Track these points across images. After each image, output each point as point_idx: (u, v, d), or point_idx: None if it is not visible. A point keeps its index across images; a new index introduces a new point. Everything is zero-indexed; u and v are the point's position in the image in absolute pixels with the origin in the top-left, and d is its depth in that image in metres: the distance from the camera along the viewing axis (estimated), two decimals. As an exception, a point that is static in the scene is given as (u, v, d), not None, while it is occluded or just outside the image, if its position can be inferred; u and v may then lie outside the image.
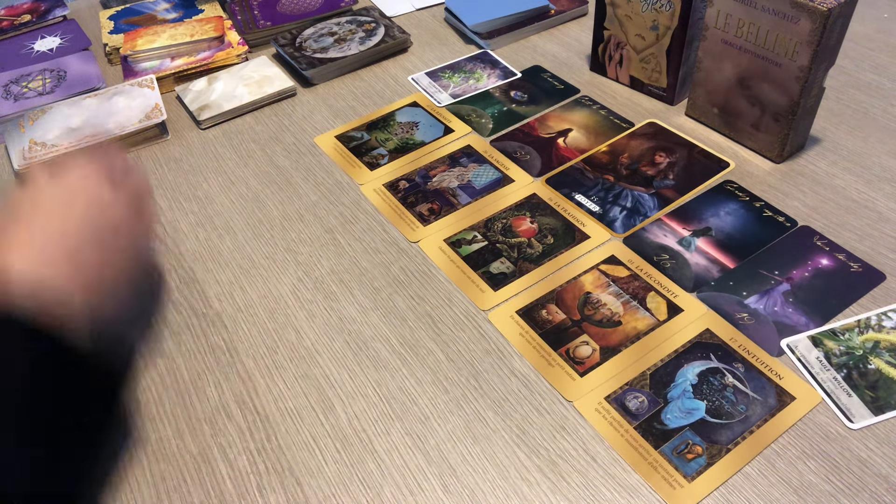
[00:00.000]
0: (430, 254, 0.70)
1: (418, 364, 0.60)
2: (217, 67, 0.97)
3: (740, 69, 0.75)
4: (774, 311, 0.62)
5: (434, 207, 0.75)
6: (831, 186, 0.73)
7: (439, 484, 0.52)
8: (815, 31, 0.66)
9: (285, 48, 0.98)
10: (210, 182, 0.81)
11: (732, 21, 0.73)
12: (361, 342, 0.62)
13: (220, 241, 0.73)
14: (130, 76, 0.95)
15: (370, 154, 0.82)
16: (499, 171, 0.78)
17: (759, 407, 0.55)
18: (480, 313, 0.64)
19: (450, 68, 0.95)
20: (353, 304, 0.66)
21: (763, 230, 0.69)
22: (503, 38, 0.99)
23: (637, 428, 0.54)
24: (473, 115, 0.87)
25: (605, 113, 0.85)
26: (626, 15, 0.84)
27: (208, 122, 0.88)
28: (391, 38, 0.98)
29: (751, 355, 0.58)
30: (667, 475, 0.51)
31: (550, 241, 0.70)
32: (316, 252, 0.71)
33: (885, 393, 0.55)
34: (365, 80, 0.95)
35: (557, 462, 0.53)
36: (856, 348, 0.58)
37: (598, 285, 0.65)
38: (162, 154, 0.85)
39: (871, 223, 0.69)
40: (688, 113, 0.84)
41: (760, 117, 0.76)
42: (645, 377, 0.57)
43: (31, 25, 1.07)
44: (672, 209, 0.72)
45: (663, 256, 0.67)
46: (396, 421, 0.56)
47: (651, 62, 0.85)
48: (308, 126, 0.88)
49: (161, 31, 1.01)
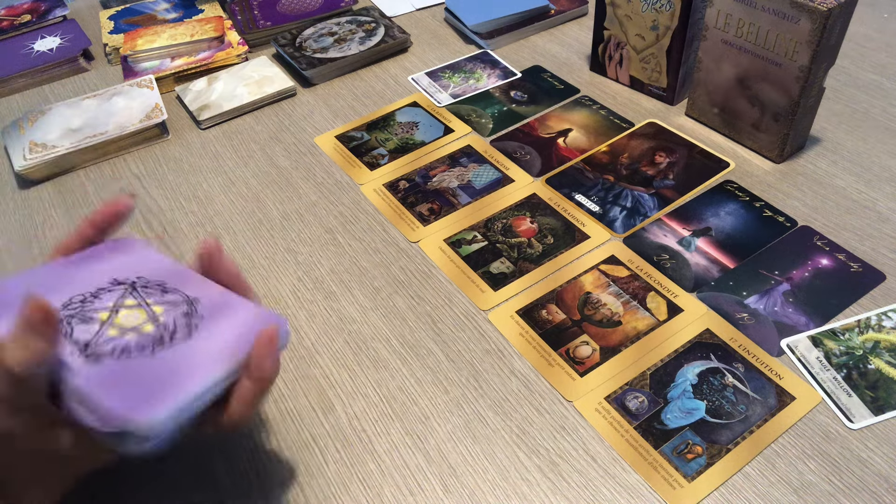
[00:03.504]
0: (430, 254, 0.70)
1: (418, 364, 0.60)
2: (217, 67, 0.97)
3: (740, 69, 0.75)
4: (774, 311, 0.62)
5: (434, 207, 0.75)
6: (831, 186, 0.73)
7: (439, 484, 0.52)
8: (815, 31, 0.66)
9: (285, 48, 0.98)
10: (210, 182, 0.81)
11: (732, 21, 0.73)
12: (361, 342, 0.62)
13: (220, 241, 0.73)
14: (130, 76, 0.96)
15: (370, 154, 0.82)
16: (499, 171, 0.78)
17: (759, 407, 0.55)
18: (480, 313, 0.64)
19: (450, 68, 0.95)
20: (353, 304, 0.66)
21: (763, 230, 0.69)
22: (503, 38, 0.99)
23: (637, 428, 0.54)
24: (473, 115, 0.87)
25: (605, 113, 0.85)
26: (626, 15, 0.84)
27: (208, 122, 0.88)
28: (391, 38, 0.98)
29: (751, 355, 0.58)
30: (667, 475, 0.51)
31: (550, 241, 0.70)
32: (316, 252, 0.71)
33: (885, 393, 0.55)
34: (365, 80, 0.95)
35: (557, 462, 0.53)
36: (856, 348, 0.58)
37: (598, 285, 0.65)
38: (162, 154, 0.85)
39: (871, 223, 0.69)
40: (688, 113, 0.84)
41: (760, 117, 0.76)
42: (645, 377, 0.57)
43: (31, 25, 1.07)
44: (672, 209, 0.72)
45: (663, 256, 0.67)
46: (396, 421, 0.56)
47: (651, 62, 0.85)
48: (308, 126, 0.88)
49: (161, 31, 1.01)
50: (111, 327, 0.41)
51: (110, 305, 0.42)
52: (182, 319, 0.43)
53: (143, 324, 0.42)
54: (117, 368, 0.39)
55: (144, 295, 0.44)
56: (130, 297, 0.43)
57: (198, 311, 0.44)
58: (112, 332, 0.40)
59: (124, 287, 0.44)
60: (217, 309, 0.45)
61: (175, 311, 0.44)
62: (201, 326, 0.43)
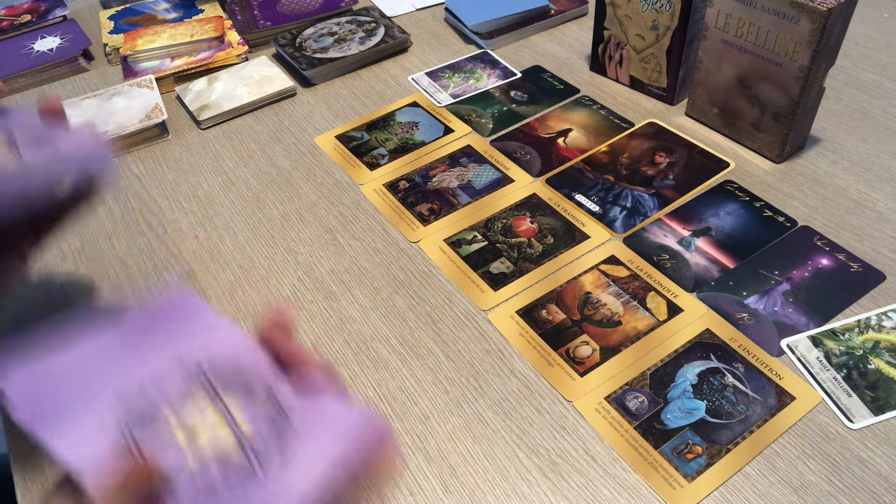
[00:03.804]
0: (430, 254, 0.70)
1: (418, 364, 0.60)
2: (217, 67, 0.97)
3: (740, 69, 0.75)
4: (774, 311, 0.62)
5: (434, 207, 0.75)
6: (831, 186, 0.73)
7: (439, 484, 0.52)
8: (815, 31, 0.66)
9: (285, 48, 0.98)
10: (210, 182, 0.81)
11: (732, 21, 0.73)
12: (361, 342, 0.62)
13: (220, 241, 0.73)
14: (130, 76, 0.96)
15: (370, 154, 0.82)
16: (499, 171, 0.78)
17: (759, 407, 0.55)
18: (480, 313, 0.64)
19: (450, 68, 0.95)
20: (353, 303, 0.66)
21: (763, 230, 0.69)
22: (503, 38, 0.99)
23: (637, 428, 0.54)
24: (473, 115, 0.87)
25: (605, 113, 0.85)
26: (626, 15, 0.84)
27: (208, 122, 0.88)
28: (391, 38, 0.98)
29: (751, 355, 0.58)
30: (667, 475, 0.51)
31: (550, 241, 0.70)
32: (316, 252, 0.71)
33: (885, 393, 0.55)
34: (365, 80, 0.95)
35: (557, 462, 0.53)
36: (856, 348, 0.58)
37: (598, 285, 0.65)
38: (162, 154, 0.85)
39: (871, 223, 0.69)
40: (688, 113, 0.84)
41: (760, 117, 0.76)
42: (645, 377, 0.57)
43: (31, 25, 1.07)
44: (672, 209, 0.72)
45: (663, 256, 0.67)
46: (396, 421, 0.56)
47: (651, 62, 0.85)
48: (308, 126, 0.88)
49: (161, 31, 1.01)
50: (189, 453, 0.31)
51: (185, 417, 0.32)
52: (275, 440, 0.33)
53: (228, 448, 0.32)
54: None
55: (222, 394, 0.33)
56: (205, 399, 0.33)
57: (290, 420, 0.33)
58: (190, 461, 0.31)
59: (192, 376, 0.34)
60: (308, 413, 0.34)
61: (265, 427, 0.33)
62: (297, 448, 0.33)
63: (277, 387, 0.35)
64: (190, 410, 0.32)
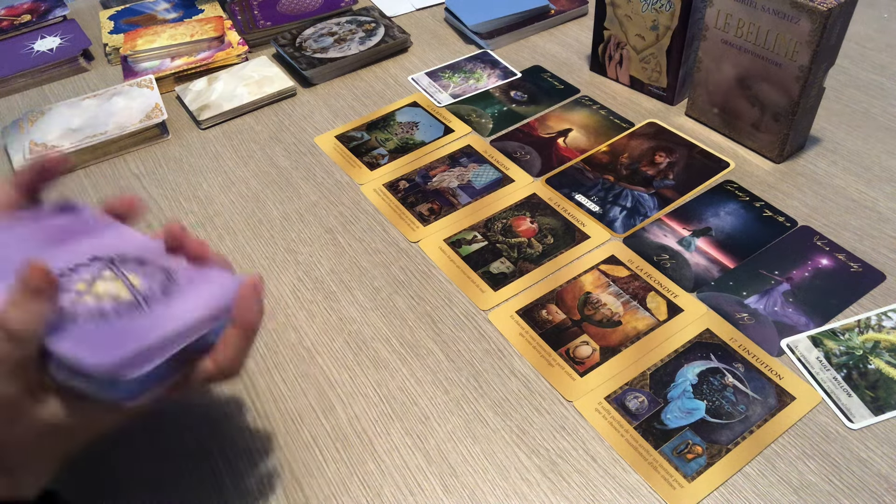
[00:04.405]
0: (430, 254, 0.70)
1: (418, 364, 0.60)
2: (217, 67, 0.97)
3: (740, 69, 0.75)
4: (774, 311, 0.62)
5: (434, 207, 0.75)
6: (831, 186, 0.73)
7: (439, 484, 0.52)
8: (815, 31, 0.66)
9: (285, 48, 0.98)
10: (210, 182, 0.81)
11: (732, 21, 0.73)
12: (361, 342, 0.62)
13: (220, 241, 0.73)
14: (130, 76, 0.96)
15: (370, 154, 0.82)
16: (499, 171, 0.78)
17: (759, 407, 0.55)
18: (480, 313, 0.64)
19: (450, 68, 0.95)
20: (353, 304, 0.66)
21: (763, 230, 0.69)
22: (503, 38, 0.99)
23: (637, 428, 0.54)
24: (473, 115, 0.87)
25: (605, 113, 0.85)
26: (626, 15, 0.84)
27: (208, 122, 0.88)
28: (391, 38, 0.98)
29: (751, 355, 0.58)
30: (667, 475, 0.51)
31: (550, 241, 0.70)
32: (316, 252, 0.71)
33: (885, 393, 0.55)
34: (365, 80, 0.95)
35: (557, 462, 0.53)
36: (856, 348, 0.58)
37: (598, 285, 0.65)
38: (162, 154, 0.85)
39: (871, 223, 0.69)
40: (688, 113, 0.84)
41: (760, 117, 0.76)
42: (645, 377, 0.57)
43: (31, 25, 1.07)
44: (672, 209, 0.72)
45: (663, 256, 0.67)
46: (396, 421, 0.56)
47: (651, 62, 0.85)
48: (308, 126, 0.88)
49: (161, 31, 1.01)
50: (88, 296, 0.41)
51: (88, 278, 0.42)
52: (159, 287, 0.43)
53: (119, 292, 0.42)
54: (92, 328, 0.39)
55: (122, 268, 0.44)
56: (108, 271, 0.43)
57: (176, 280, 0.44)
58: (89, 299, 0.41)
59: (102, 262, 0.44)
60: (195, 276, 0.46)
61: (152, 281, 0.44)
62: (179, 292, 0.44)
63: (171, 264, 0.46)
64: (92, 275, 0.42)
